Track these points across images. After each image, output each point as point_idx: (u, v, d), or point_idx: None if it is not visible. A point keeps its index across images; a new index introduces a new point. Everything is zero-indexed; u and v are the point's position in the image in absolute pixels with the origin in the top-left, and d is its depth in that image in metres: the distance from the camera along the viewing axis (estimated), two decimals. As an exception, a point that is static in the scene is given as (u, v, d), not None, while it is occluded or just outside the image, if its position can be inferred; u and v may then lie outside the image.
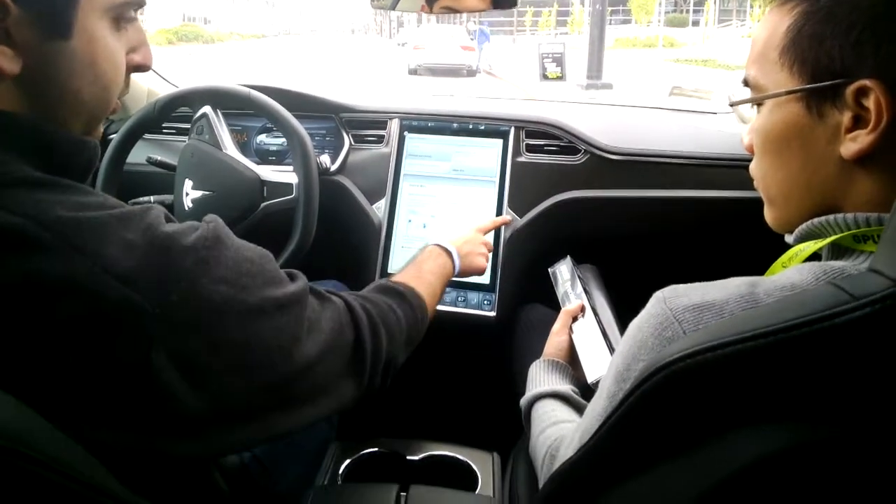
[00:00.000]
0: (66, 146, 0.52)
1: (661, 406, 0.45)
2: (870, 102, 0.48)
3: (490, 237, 1.13)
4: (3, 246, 0.44)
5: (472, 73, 14.69)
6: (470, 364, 1.40)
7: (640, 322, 0.55)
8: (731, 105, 0.63)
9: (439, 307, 1.24)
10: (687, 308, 0.50)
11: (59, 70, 0.51)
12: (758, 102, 0.58)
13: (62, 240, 0.45)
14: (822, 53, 0.51)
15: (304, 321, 0.59)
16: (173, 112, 1.20)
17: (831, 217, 0.54)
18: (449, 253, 0.96)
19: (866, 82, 0.48)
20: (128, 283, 0.46)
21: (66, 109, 0.53)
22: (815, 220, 0.55)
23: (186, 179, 1.15)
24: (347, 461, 0.83)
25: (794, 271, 0.51)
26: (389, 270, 1.28)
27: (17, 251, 0.44)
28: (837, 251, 0.55)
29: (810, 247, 0.55)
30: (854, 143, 0.50)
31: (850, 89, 0.49)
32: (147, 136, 1.25)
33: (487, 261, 1.07)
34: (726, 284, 0.51)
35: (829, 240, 0.54)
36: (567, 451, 0.64)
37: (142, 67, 0.58)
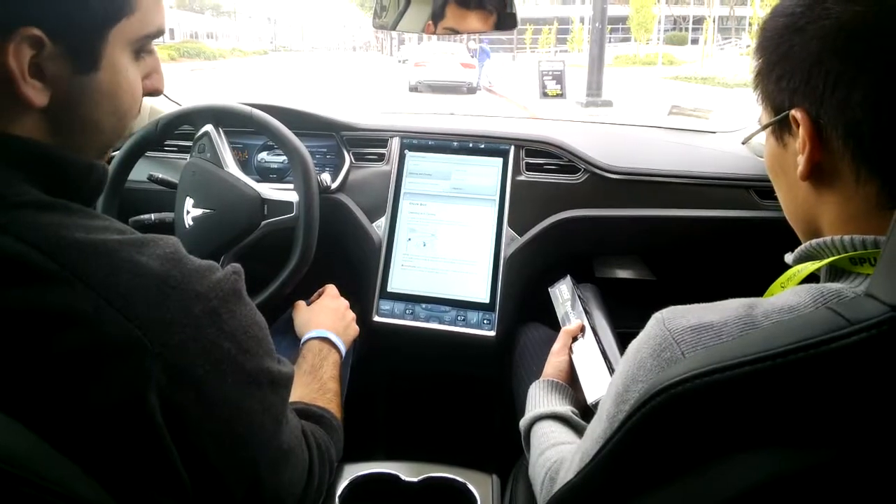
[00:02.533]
0: (75, 170, 0.52)
1: (659, 430, 0.45)
2: (801, 129, 0.54)
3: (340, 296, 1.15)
4: (7, 274, 0.44)
5: (472, 90, 14.79)
6: (469, 384, 1.39)
7: (639, 343, 0.55)
8: (743, 143, 0.70)
9: (439, 326, 1.24)
10: (686, 329, 0.50)
11: (84, 102, 0.52)
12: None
13: (68, 269, 0.45)
14: (774, 91, 0.57)
15: (287, 408, 0.60)
16: (175, 130, 1.21)
17: (828, 239, 0.55)
18: (332, 343, 0.98)
19: (794, 112, 0.55)
20: (131, 318, 0.45)
21: (85, 138, 0.54)
22: (814, 241, 0.56)
23: (187, 197, 1.15)
24: (345, 483, 0.82)
25: (791, 293, 0.51)
26: (389, 289, 1.28)
27: (21, 280, 0.44)
28: (834, 273, 0.55)
29: (808, 268, 0.56)
30: (799, 166, 0.56)
31: (791, 118, 0.55)
32: (148, 153, 1.26)
33: (354, 321, 1.11)
34: (725, 306, 0.52)
35: (826, 261, 0.55)
36: (567, 474, 0.63)
37: (154, 93, 0.59)
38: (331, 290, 1.14)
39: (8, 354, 0.43)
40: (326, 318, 1.04)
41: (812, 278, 0.56)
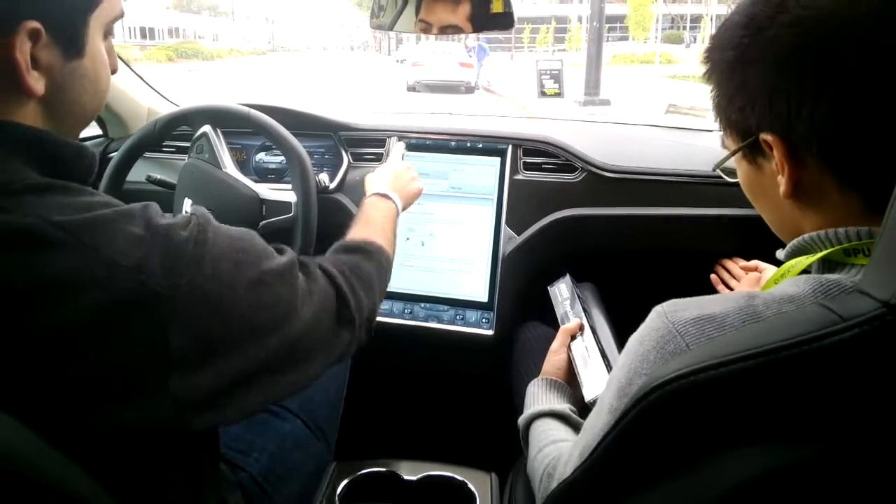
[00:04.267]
0: (68, 153, 0.56)
1: (659, 423, 0.45)
2: (776, 152, 0.54)
3: (408, 161, 1.18)
4: (20, 246, 0.46)
5: (470, 89, 14.78)
6: (468, 382, 1.40)
7: (641, 336, 0.55)
8: (714, 169, 0.69)
9: (438, 326, 1.25)
10: (689, 321, 0.51)
11: (73, 87, 0.56)
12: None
13: (75, 237, 0.48)
14: (738, 118, 0.57)
15: (298, 288, 0.63)
16: (173, 131, 1.21)
17: (822, 232, 0.55)
18: (389, 197, 1.01)
19: (765, 137, 0.54)
20: (140, 271, 0.49)
21: (72, 121, 0.58)
22: (806, 235, 0.57)
23: (186, 198, 1.16)
24: (345, 481, 0.83)
25: (790, 283, 0.52)
26: (389, 288, 1.28)
27: (33, 250, 0.47)
28: (829, 265, 0.56)
29: (802, 262, 0.57)
30: (781, 186, 0.56)
31: (762, 142, 0.55)
32: (147, 154, 1.26)
33: (418, 179, 1.13)
34: (725, 298, 0.52)
35: (819, 255, 0.55)
36: (565, 470, 0.64)
37: (112, 72, 0.63)
38: (395, 153, 1.18)
39: (31, 322, 0.45)
40: (388, 178, 1.07)
41: (806, 272, 0.56)
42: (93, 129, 1.55)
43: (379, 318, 1.24)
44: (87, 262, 0.47)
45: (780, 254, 0.61)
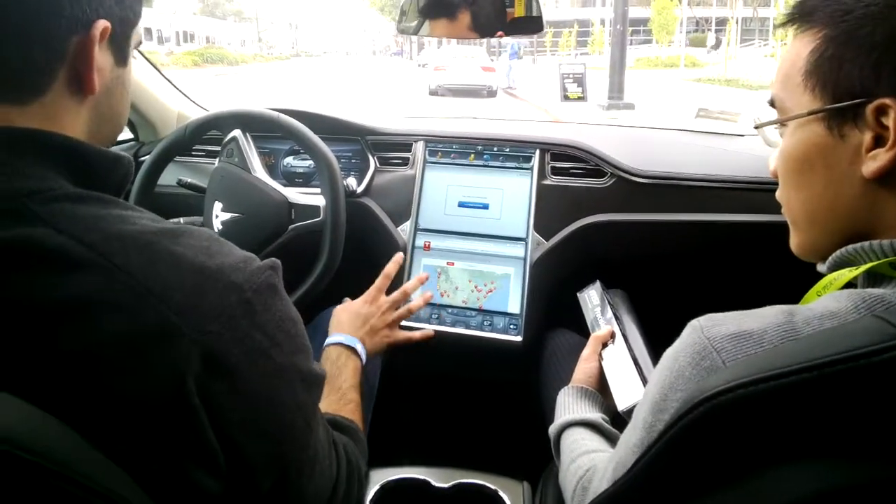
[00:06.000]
0: (102, 162, 0.54)
1: (703, 439, 0.44)
2: (889, 121, 0.49)
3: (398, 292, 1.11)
4: (48, 264, 0.45)
5: (492, 93, 14.77)
6: (496, 389, 1.39)
7: (676, 351, 0.54)
8: (756, 127, 0.64)
9: (465, 331, 1.24)
10: (725, 337, 0.49)
11: (116, 94, 0.57)
12: (782, 124, 0.59)
13: (107, 258, 0.46)
14: (842, 75, 0.52)
15: (318, 414, 0.60)
16: (204, 135, 1.22)
17: (866, 244, 0.53)
18: (353, 350, 0.96)
19: (885, 101, 0.49)
20: (169, 304, 0.46)
21: (109, 128, 0.58)
22: (850, 247, 0.54)
23: (216, 202, 1.17)
24: (375, 488, 0.82)
25: (831, 299, 0.50)
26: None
27: (62, 270, 0.45)
28: (874, 279, 0.53)
29: (845, 275, 0.54)
30: (874, 162, 0.51)
31: (870, 108, 0.50)
32: (177, 158, 1.27)
33: (394, 325, 1.07)
34: (763, 313, 0.50)
35: (864, 267, 0.53)
36: (601, 484, 0.62)
37: None
38: (368, 294, 1.10)
39: (49, 342, 0.44)
40: (351, 321, 1.03)
41: (848, 286, 0.54)
42: (124, 133, 1.58)
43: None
44: (112, 284, 0.45)
45: (821, 266, 0.59)
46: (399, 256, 1.19)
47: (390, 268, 1.15)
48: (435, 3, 1.17)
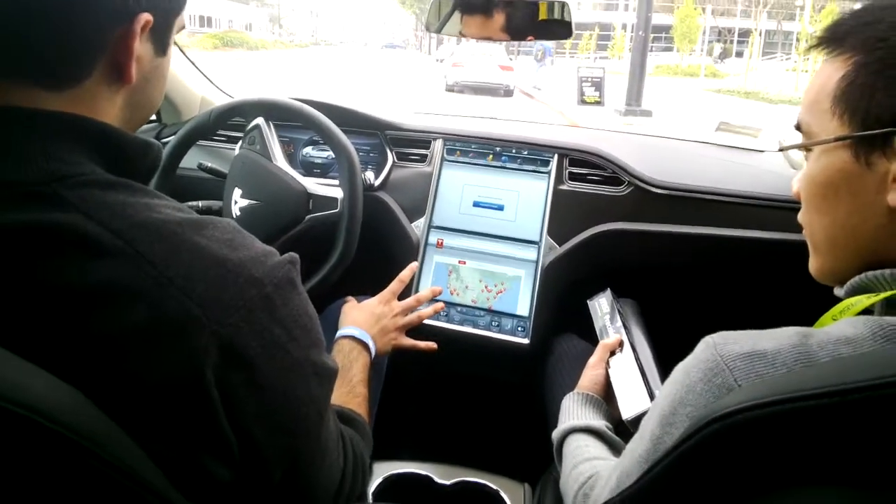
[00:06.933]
0: (133, 148, 0.54)
1: (714, 458, 0.44)
2: None
3: (405, 301, 1.13)
4: (73, 250, 0.46)
5: (508, 92, 14.72)
6: (500, 389, 1.39)
7: (688, 366, 0.54)
8: (781, 150, 0.63)
9: (473, 330, 1.25)
10: (738, 356, 0.49)
11: (154, 83, 0.57)
12: (807, 148, 0.59)
13: (132, 246, 0.46)
14: (873, 104, 0.51)
15: (329, 406, 0.61)
16: (228, 121, 1.23)
17: (886, 272, 0.53)
18: (365, 345, 0.98)
19: None
20: (191, 296, 0.47)
21: (143, 114, 0.59)
22: (869, 273, 0.54)
23: (236, 188, 1.18)
24: (378, 480, 0.83)
25: (847, 324, 0.50)
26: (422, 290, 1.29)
27: (86, 256, 0.46)
28: (892, 307, 0.53)
29: (863, 301, 0.54)
30: None
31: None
32: (199, 142, 1.28)
33: (403, 330, 1.09)
34: (777, 334, 0.50)
35: (883, 295, 0.52)
36: (603, 492, 0.63)
37: None
38: (382, 296, 1.12)
39: (70, 330, 0.45)
40: (365, 318, 1.04)
41: (865, 311, 0.54)
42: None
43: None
44: (137, 273, 0.46)
45: (838, 291, 0.59)
46: (414, 266, 1.21)
47: (405, 274, 1.17)
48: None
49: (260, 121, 1.19)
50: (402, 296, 1.15)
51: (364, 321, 1.03)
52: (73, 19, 0.48)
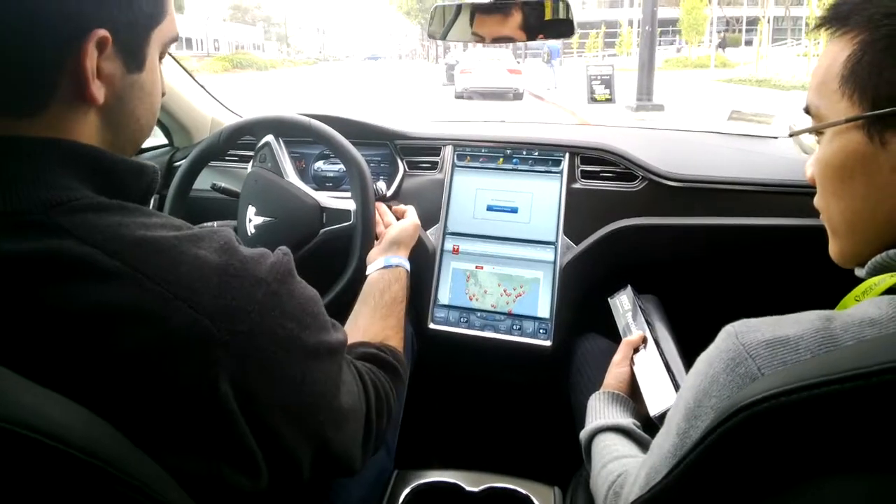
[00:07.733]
0: (126, 171, 0.55)
1: (742, 448, 0.43)
2: None
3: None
4: (74, 275, 0.46)
5: (518, 96, 14.72)
6: (525, 392, 1.38)
7: (710, 357, 0.53)
8: (791, 135, 0.62)
9: (494, 335, 1.24)
10: (760, 343, 0.48)
11: (132, 100, 0.55)
12: (818, 132, 0.58)
13: (131, 266, 0.46)
14: (882, 82, 0.50)
15: (342, 373, 0.62)
16: (237, 141, 1.24)
17: None
18: (397, 265, 1.03)
19: None
20: (198, 308, 0.47)
21: (128, 135, 0.57)
22: (892, 251, 0.53)
23: (250, 206, 1.19)
24: (407, 490, 0.83)
25: (870, 304, 0.49)
26: (440, 301, 1.28)
27: (88, 280, 0.46)
28: None
29: (886, 280, 0.53)
30: None
31: None
32: (211, 163, 1.30)
33: (411, 224, 1.13)
34: (799, 319, 0.49)
35: None
36: (633, 489, 0.62)
37: (161, 95, 0.63)
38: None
39: (81, 352, 0.45)
40: (394, 240, 1.09)
41: (888, 291, 0.53)
42: (159, 139, 1.61)
43: (435, 326, 1.25)
44: (141, 292, 0.46)
45: (859, 271, 0.58)
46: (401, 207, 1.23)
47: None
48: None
49: (270, 138, 1.20)
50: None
51: (392, 250, 1.08)
52: (21, 44, 0.47)
